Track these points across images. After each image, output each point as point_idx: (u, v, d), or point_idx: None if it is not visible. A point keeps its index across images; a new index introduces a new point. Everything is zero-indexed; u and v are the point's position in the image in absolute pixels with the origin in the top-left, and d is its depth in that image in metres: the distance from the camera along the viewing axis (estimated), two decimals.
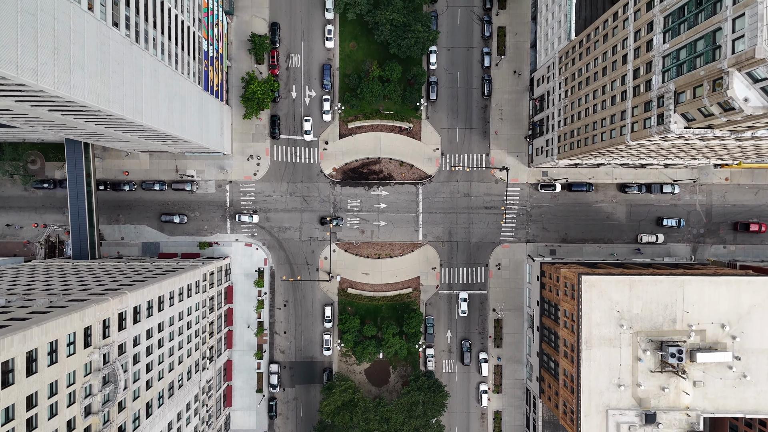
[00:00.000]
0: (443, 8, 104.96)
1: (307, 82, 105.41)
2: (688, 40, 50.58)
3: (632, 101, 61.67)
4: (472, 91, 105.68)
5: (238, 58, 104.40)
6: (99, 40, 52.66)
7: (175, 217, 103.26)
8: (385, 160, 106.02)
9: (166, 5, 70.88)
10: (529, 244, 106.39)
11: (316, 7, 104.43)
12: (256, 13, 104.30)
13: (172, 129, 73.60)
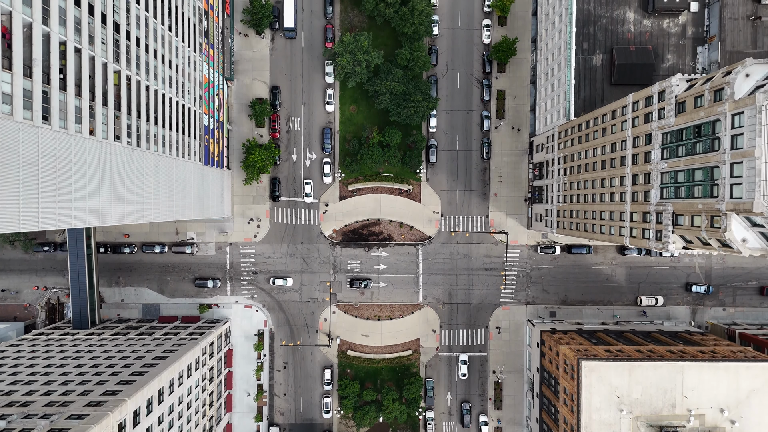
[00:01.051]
0: (443, 72, 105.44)
1: (308, 145, 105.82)
2: (686, 167, 50.89)
3: (631, 206, 61.93)
4: (472, 154, 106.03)
5: (238, 121, 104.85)
6: (100, 159, 52.99)
7: (209, 282, 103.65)
8: (385, 221, 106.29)
9: (167, 96, 71.30)
10: (529, 306, 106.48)
11: (317, 70, 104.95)
12: (257, 77, 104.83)
13: (173, 216, 73.89)
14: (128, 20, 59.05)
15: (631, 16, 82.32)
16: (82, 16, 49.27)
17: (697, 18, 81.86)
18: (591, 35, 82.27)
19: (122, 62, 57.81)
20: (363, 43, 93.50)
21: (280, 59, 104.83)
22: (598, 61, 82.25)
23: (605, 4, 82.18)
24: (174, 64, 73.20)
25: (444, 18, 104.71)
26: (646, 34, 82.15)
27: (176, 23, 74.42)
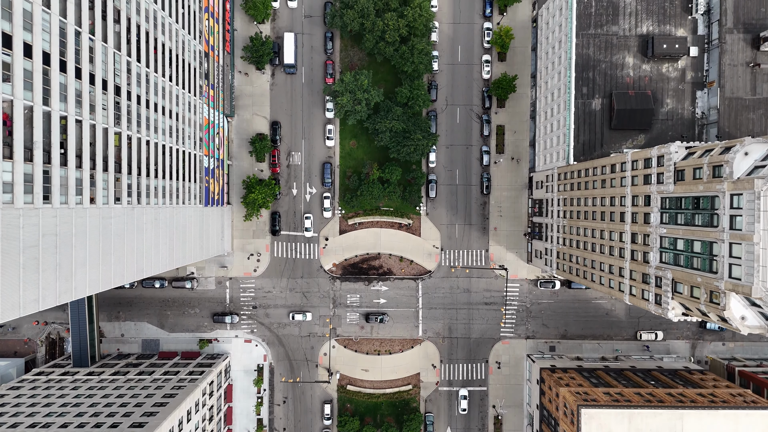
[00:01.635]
0: (442, 107, 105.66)
1: (308, 179, 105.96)
2: (685, 237, 50.99)
3: (630, 263, 62.02)
4: (471, 188, 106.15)
5: (239, 156, 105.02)
6: (101, 225, 53.12)
7: (227, 318, 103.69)
8: (385, 255, 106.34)
9: (167, 147, 71.47)
10: (529, 341, 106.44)
11: (317, 105, 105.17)
12: (257, 112, 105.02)
13: (174, 265, 73.99)
14: (129, 80, 59.28)
15: (630, 60, 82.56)
16: (83, 87, 49.48)
17: (697, 62, 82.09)
18: (590, 79, 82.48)
19: (123, 124, 58.01)
20: (363, 82, 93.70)
21: (281, 94, 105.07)
22: (598, 106, 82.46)
23: (604, 48, 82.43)
24: (175, 113, 73.43)
25: (444, 53, 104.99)
26: (645, 78, 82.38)
27: (177, 72, 74.67)
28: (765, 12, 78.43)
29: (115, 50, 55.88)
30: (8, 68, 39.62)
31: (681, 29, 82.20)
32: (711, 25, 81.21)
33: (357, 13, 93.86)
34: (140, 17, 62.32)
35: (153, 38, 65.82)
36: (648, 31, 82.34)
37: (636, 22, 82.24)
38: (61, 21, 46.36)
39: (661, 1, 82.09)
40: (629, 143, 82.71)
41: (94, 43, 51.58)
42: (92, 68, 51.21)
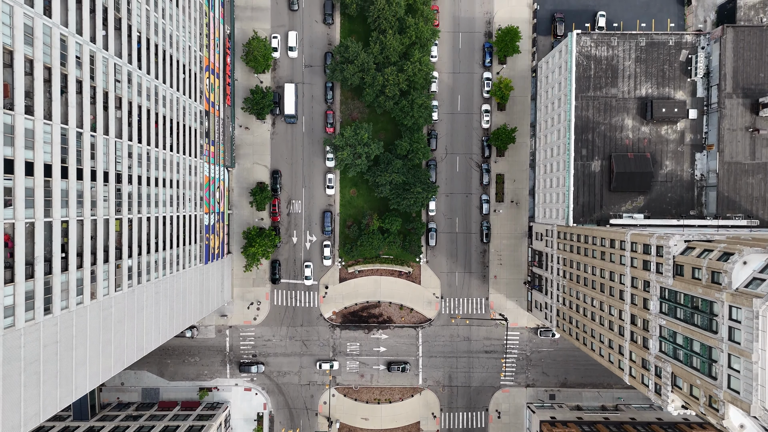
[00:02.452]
0: (442, 156, 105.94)
1: (308, 227, 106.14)
2: (684, 333, 51.09)
3: (630, 344, 62.09)
4: (471, 236, 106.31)
5: (239, 204, 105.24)
6: (102, 318, 53.24)
7: (253, 367, 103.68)
8: (385, 303, 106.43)
9: (168, 217, 71.66)
10: (529, 389, 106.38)
11: (317, 154, 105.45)
12: (258, 161, 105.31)
13: (174, 332, 74.08)
14: (130, 164, 59.54)
15: (629, 122, 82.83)
16: (84, 187, 49.71)
17: (696, 125, 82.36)
18: (590, 141, 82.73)
19: (123, 210, 58.22)
20: (363, 136, 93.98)
21: (281, 143, 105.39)
22: (597, 167, 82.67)
23: (604, 111, 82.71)
24: (175, 181, 73.68)
25: (443, 103, 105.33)
26: (644, 140, 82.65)
27: (178, 140, 74.99)
28: (764, 77, 78.74)
29: (116, 139, 56.17)
30: (10, 192, 39.85)
31: (680, 91, 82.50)
32: (710, 88, 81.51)
33: (357, 68, 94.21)
34: (141, 97, 62.65)
35: (154, 114, 66.15)
36: (647, 94, 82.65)
37: (635, 84, 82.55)
38: (63, 128, 46.65)
39: (660, 64, 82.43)
40: (629, 204, 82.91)
41: (96, 139, 51.87)
42: (93, 164, 51.49)
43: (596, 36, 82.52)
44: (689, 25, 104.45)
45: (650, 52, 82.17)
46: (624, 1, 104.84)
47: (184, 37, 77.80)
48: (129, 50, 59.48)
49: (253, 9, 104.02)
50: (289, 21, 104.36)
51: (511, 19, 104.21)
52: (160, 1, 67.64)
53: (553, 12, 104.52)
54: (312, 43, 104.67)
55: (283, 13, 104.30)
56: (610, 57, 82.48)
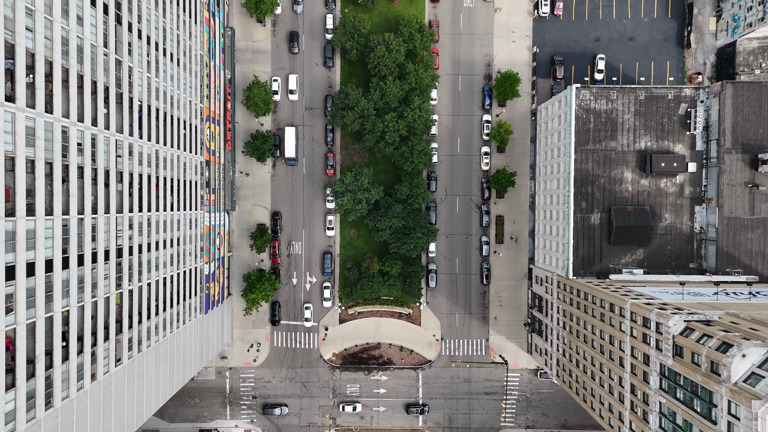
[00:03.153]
0: (442, 197, 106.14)
1: (308, 269, 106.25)
2: (684, 416, 51.12)
3: (630, 415, 62.11)
4: (471, 277, 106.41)
5: (240, 246, 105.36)
6: (102, 397, 53.27)
7: (276, 410, 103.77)
8: (385, 345, 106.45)
9: (168, 277, 71.77)
10: (528, 430, 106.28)
11: (317, 196, 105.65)
12: (258, 202, 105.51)
13: (175, 389, 74.07)
14: (131, 235, 59.70)
15: (628, 175, 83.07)
16: (85, 272, 49.85)
17: (695, 178, 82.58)
18: (589, 194, 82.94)
19: (124, 283, 58.35)
20: (363, 182, 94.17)
21: (282, 185, 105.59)
22: (597, 220, 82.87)
23: (603, 164, 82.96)
24: (176, 239, 73.84)
25: (443, 145, 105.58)
26: (644, 193, 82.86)
27: (178, 197, 75.19)
28: (763, 133, 79.01)
29: (117, 215, 56.36)
30: (11, 298, 40.01)
31: (679, 145, 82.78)
32: (709, 142, 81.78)
33: (357, 114, 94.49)
34: (142, 166, 62.90)
35: (155, 178, 66.38)
36: (646, 147, 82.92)
37: (634, 137, 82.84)
38: (64, 219, 46.83)
39: (659, 118, 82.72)
40: (628, 257, 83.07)
41: (97, 220, 52.05)
42: (94, 246, 51.65)
43: (595, 90, 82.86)
44: (688, 68, 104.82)
45: (649, 105, 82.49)
46: (623, 44, 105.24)
47: (185, 94, 78.15)
48: (130, 122, 59.75)
49: (253, 52, 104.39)
50: (290, 64, 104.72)
51: (511, 61, 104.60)
52: (162, 65, 67.97)
53: (552, 55, 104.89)
54: (312, 85, 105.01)
55: (283, 56, 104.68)
56: (610, 110, 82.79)
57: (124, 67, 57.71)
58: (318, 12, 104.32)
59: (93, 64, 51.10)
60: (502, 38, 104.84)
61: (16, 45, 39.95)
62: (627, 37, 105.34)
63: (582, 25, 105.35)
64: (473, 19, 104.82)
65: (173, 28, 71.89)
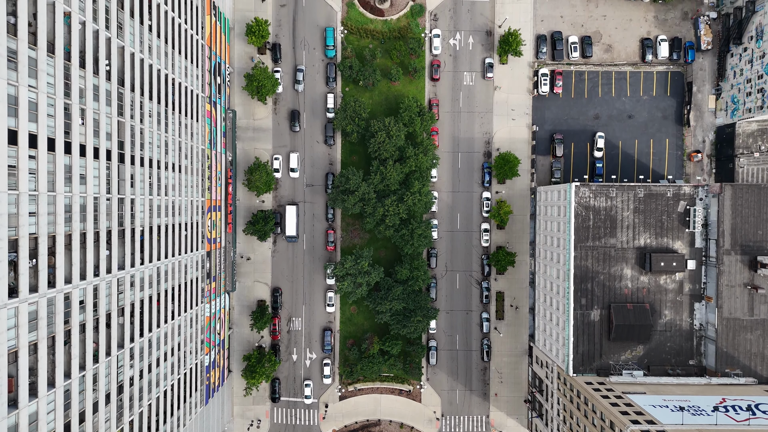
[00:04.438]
0: (442, 273, 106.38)
1: (308, 345, 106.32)
2: None
3: None
4: (472, 354, 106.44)
5: (240, 323, 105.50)
6: None
7: None
8: (385, 422, 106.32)
9: (169, 386, 71.87)
10: None
11: (318, 272, 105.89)
12: (259, 279, 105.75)
13: None
14: (132, 364, 59.85)
15: (628, 272, 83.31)
16: (86, 427, 50.00)
17: (695, 275, 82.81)
18: (589, 290, 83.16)
19: (125, 416, 58.46)
20: (363, 266, 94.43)
21: (282, 261, 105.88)
22: (596, 317, 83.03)
23: (603, 260, 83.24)
24: (176, 346, 74.02)
25: (443, 221, 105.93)
26: (643, 290, 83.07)
27: (179, 302, 75.42)
28: (762, 234, 79.32)
29: (118, 352, 56.58)
30: None
31: (678, 242, 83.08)
32: (708, 240, 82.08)
33: (358, 198, 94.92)
34: (144, 291, 63.16)
35: (155, 295, 66.63)
36: (646, 244, 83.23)
37: (634, 234, 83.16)
38: (66, 384, 46.99)
39: (658, 215, 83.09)
40: (628, 353, 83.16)
41: (98, 367, 52.25)
42: (95, 396, 51.81)
43: (595, 187, 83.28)
44: (688, 145, 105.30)
45: (648, 203, 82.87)
46: (622, 122, 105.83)
47: (187, 196, 78.62)
48: (132, 251, 60.12)
49: (255, 130, 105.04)
50: (291, 141, 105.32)
51: (510, 139, 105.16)
52: (164, 180, 68.43)
53: (552, 132, 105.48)
54: (313, 163, 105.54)
55: (284, 133, 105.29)
56: (609, 208, 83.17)
57: (126, 202, 58.20)
58: (319, 91, 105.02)
59: (95, 217, 51.54)
60: (502, 116, 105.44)
61: (19, 238, 40.37)
62: (626, 114, 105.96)
63: (581, 103, 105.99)
64: (473, 97, 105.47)
65: (175, 137, 72.49)
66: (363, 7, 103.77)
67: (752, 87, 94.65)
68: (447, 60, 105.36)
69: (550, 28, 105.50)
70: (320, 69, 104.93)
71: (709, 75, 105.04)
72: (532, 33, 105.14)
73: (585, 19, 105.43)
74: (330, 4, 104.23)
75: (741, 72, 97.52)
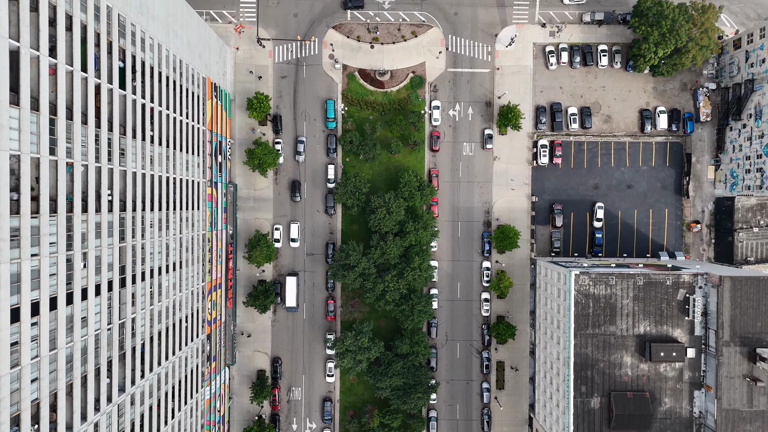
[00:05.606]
0: (443, 342, 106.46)
1: (308, 415, 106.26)
2: None
3: None
4: (472, 423, 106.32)
5: (240, 392, 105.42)
6: None
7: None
8: None
9: None
10: None
11: (318, 341, 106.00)
12: (258, 348, 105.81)
13: None
14: None
15: (628, 360, 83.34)
16: None
17: (694, 363, 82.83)
18: (589, 378, 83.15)
19: None
20: (363, 342, 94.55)
21: (282, 330, 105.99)
22: (596, 404, 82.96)
23: (602, 348, 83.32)
24: None
25: (443, 290, 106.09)
26: (643, 377, 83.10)
27: (180, 397, 75.49)
28: (761, 326, 79.46)
29: None
30: None
31: (678, 329, 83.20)
32: (708, 329, 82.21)
33: (358, 274, 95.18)
34: (144, 405, 63.24)
35: (156, 401, 66.70)
36: (645, 332, 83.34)
37: (633, 322, 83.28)
38: None
39: (657, 303, 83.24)
40: None
41: None
42: None
43: (594, 275, 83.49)
44: (687, 215, 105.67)
45: (648, 290, 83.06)
46: (622, 192, 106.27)
47: (187, 289, 78.83)
48: (132, 368, 60.25)
49: (255, 200, 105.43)
50: (292, 211, 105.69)
51: (510, 209, 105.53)
52: (164, 286, 68.66)
53: (551, 202, 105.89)
54: (314, 232, 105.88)
55: (285, 203, 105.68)
56: (609, 295, 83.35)
57: (127, 325, 58.42)
58: (320, 161, 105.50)
59: (97, 353, 51.74)
60: (501, 186, 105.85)
61: (21, 412, 40.56)
62: (626, 184, 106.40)
63: (581, 172, 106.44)
64: (472, 167, 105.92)
65: (176, 235, 72.78)
66: (363, 79, 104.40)
67: (751, 165, 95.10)
68: (447, 130, 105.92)
69: (550, 99, 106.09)
70: (321, 140, 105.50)
71: (708, 145, 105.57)
72: (532, 104, 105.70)
73: (584, 90, 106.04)
74: (331, 75, 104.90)
75: (740, 147, 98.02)
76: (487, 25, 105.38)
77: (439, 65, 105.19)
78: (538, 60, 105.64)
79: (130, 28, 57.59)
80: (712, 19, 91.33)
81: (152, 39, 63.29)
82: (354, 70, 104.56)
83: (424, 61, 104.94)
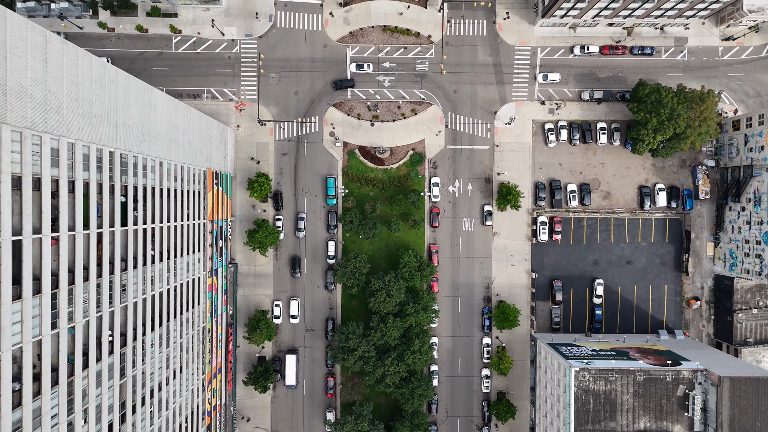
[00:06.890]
0: (443, 418, 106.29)
1: None
2: None
3: None
4: None
5: None
6: None
7: None
8: None
9: None
10: None
11: (317, 417, 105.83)
12: (258, 424, 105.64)
13: None
14: None
15: None
16: None
17: None
18: None
19: None
20: (363, 426, 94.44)
21: (282, 407, 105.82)
22: None
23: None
24: None
25: (443, 366, 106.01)
26: None
27: None
28: (760, 426, 79.41)
29: None
30: None
31: (677, 425, 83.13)
32: (707, 426, 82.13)
33: (357, 357, 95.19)
34: None
35: None
36: (645, 427, 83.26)
37: (633, 418, 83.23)
38: None
39: (657, 398, 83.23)
40: None
41: None
42: None
43: (594, 371, 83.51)
44: (686, 291, 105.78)
45: (648, 386, 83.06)
46: (621, 268, 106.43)
47: (188, 389, 78.82)
48: None
49: (255, 276, 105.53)
50: (292, 287, 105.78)
51: (510, 284, 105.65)
52: (164, 394, 68.64)
53: (551, 278, 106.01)
54: (314, 308, 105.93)
55: (285, 279, 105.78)
56: (609, 391, 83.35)
57: None
58: (320, 237, 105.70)
59: None
60: (501, 261, 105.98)
61: None
62: (625, 260, 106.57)
63: (580, 249, 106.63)
64: (472, 242, 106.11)
65: (176, 342, 72.81)
66: (363, 156, 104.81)
67: (750, 249, 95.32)
68: (446, 206, 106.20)
69: (549, 175, 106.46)
70: (321, 216, 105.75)
71: (707, 222, 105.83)
72: (531, 180, 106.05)
73: (583, 166, 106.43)
74: (331, 152, 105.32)
75: (739, 230, 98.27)
76: (487, 102, 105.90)
77: (439, 142, 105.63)
78: (537, 137, 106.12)
79: (132, 161, 57.96)
80: (711, 107, 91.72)
81: (154, 160, 63.66)
82: (354, 147, 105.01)
83: (423, 138, 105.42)
